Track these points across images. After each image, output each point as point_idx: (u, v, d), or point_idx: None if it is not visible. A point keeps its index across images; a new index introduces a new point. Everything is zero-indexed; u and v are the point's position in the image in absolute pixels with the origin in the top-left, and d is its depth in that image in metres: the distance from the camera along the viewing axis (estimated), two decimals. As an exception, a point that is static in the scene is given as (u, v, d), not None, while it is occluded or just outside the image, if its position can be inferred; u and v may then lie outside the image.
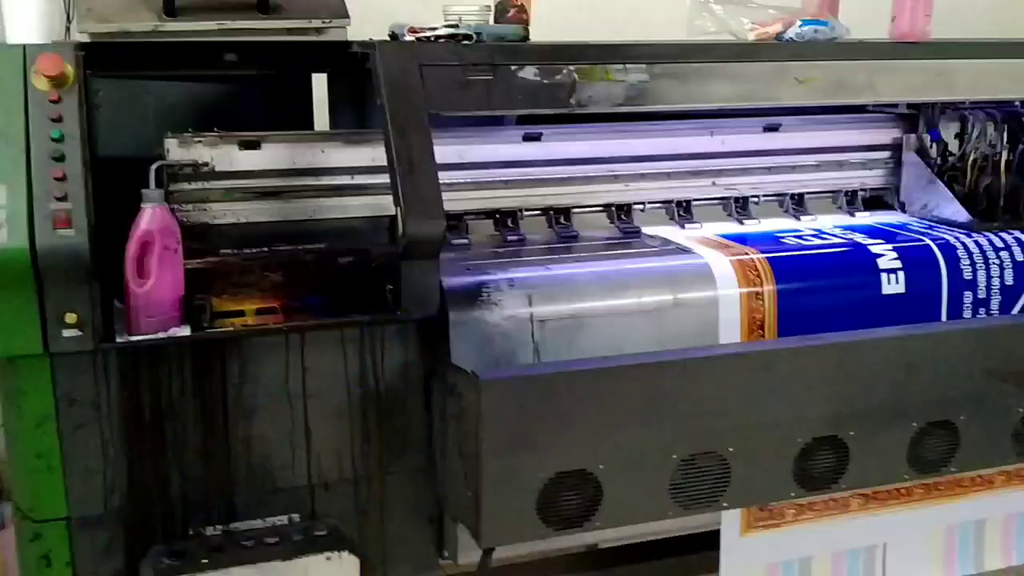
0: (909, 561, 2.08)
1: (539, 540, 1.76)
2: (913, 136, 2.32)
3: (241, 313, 1.75)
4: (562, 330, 1.82)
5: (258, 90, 2.12)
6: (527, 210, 2.12)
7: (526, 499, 1.67)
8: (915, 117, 2.34)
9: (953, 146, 2.36)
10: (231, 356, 1.73)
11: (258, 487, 1.79)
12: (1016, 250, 2.07)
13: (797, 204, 2.31)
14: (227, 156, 1.84)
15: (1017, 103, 2.28)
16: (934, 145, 2.31)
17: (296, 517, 1.81)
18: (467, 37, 1.90)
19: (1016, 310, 2.07)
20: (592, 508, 1.73)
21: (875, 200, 2.39)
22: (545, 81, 1.88)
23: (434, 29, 1.92)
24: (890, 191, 2.38)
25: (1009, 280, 2.04)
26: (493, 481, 1.63)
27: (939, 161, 2.31)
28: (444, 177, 1.96)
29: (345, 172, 1.90)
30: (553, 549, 2.05)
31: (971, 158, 2.25)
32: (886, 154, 2.36)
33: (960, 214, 2.16)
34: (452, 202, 2.00)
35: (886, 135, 2.36)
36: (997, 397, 1.92)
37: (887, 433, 1.88)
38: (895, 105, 2.34)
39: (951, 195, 2.19)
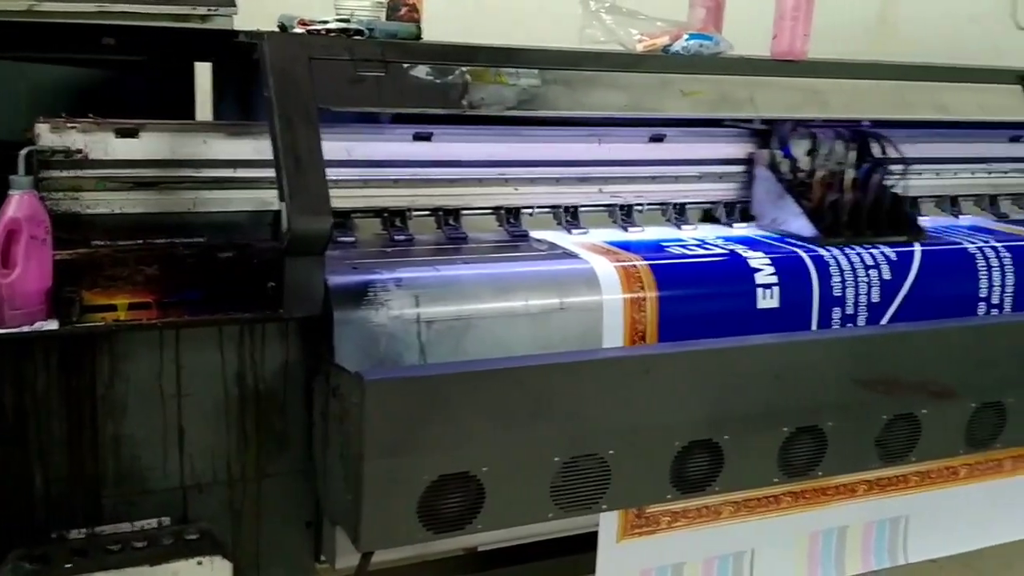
0: (775, 566, 2.15)
1: (419, 544, 1.75)
2: (766, 151, 2.34)
3: (113, 307, 1.68)
4: (449, 332, 1.81)
5: (138, 77, 2.04)
6: (416, 210, 2.10)
7: (407, 502, 1.65)
8: (768, 133, 2.37)
9: (805, 163, 2.37)
10: (101, 352, 1.66)
11: (127, 489, 1.72)
12: (884, 268, 2.16)
13: (679, 213, 2.36)
14: (103, 144, 1.77)
15: (867, 123, 2.36)
16: (785, 161, 2.34)
17: (167, 520, 1.75)
18: (359, 32, 1.88)
19: (881, 325, 2.16)
20: (474, 511, 1.72)
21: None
22: (437, 81, 1.88)
23: (325, 22, 1.89)
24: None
25: (876, 298, 2.13)
26: (374, 484, 1.61)
27: (790, 177, 2.33)
28: (331, 174, 1.92)
29: (228, 164, 1.85)
30: (432, 552, 2.04)
31: (818, 175, 2.29)
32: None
33: (806, 228, 2.20)
34: (339, 199, 1.97)
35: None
36: (862, 404, 2.01)
37: (759, 437, 1.94)
38: (751, 120, 2.36)
39: (799, 210, 2.23)
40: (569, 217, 2.26)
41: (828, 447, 2.00)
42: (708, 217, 2.43)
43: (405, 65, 1.84)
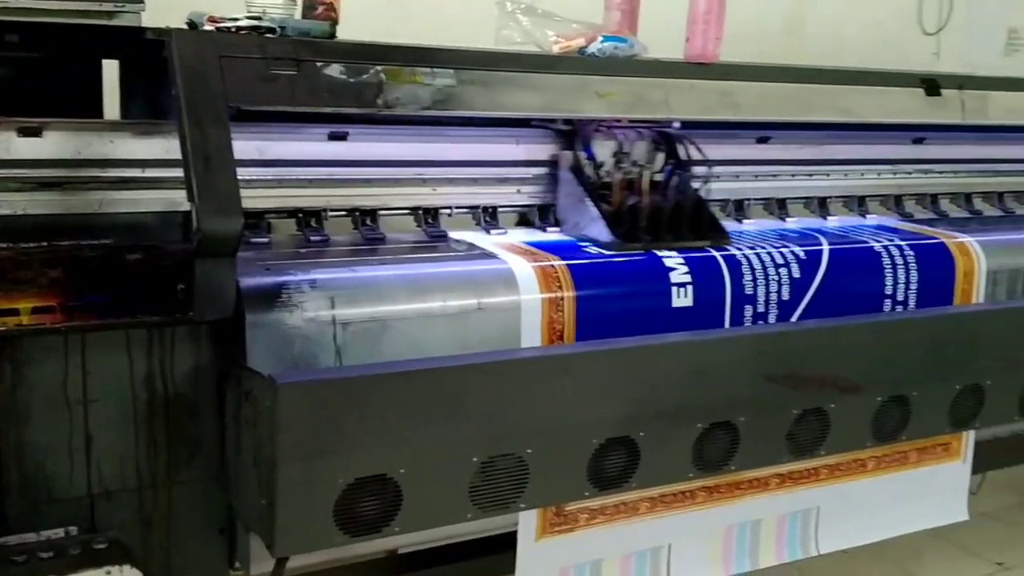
0: (691, 560, 2.18)
1: (336, 548, 1.73)
2: (569, 153, 2.23)
3: (15, 312, 1.62)
4: (365, 333, 1.80)
5: (43, 74, 1.98)
6: (332, 211, 2.08)
7: (323, 506, 1.64)
8: (572, 134, 2.24)
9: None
10: (3, 358, 1.61)
11: (32, 498, 1.67)
12: (794, 267, 2.21)
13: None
14: (5, 143, 1.71)
15: (676, 123, 2.27)
16: (589, 163, 2.21)
17: (74, 529, 1.70)
18: (270, 30, 1.85)
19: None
20: (391, 513, 1.71)
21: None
22: (351, 80, 1.86)
23: (235, 20, 1.86)
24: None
25: (786, 295, 2.18)
26: (288, 488, 1.59)
27: (593, 179, 2.20)
28: (244, 174, 1.89)
29: (136, 164, 1.80)
30: (351, 556, 2.02)
31: (617, 177, 2.18)
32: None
33: (603, 233, 2.11)
34: (252, 200, 1.95)
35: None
36: (773, 399, 2.05)
37: (674, 433, 1.97)
38: (554, 121, 2.25)
39: (597, 214, 2.13)
40: (488, 217, 2.26)
41: (741, 442, 2.04)
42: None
43: (319, 64, 1.82)
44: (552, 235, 2.23)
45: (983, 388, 2.31)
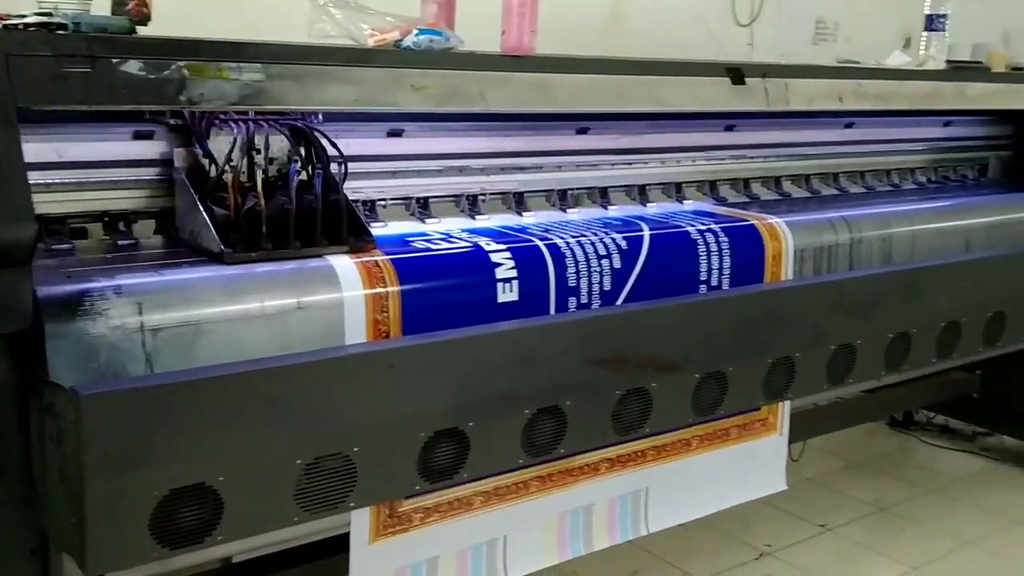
0: (526, 549, 2.21)
1: (155, 562, 1.67)
2: (184, 151, 1.94)
3: None
4: (177, 339, 1.73)
5: None
6: (140, 213, 2.00)
7: (137, 520, 1.58)
8: (187, 128, 1.95)
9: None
10: None
11: None
12: (615, 258, 2.27)
13: (422, 207, 2.38)
14: None
15: (314, 117, 2.03)
16: (208, 161, 1.93)
17: None
18: (62, 27, 1.76)
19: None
20: (212, 522, 1.67)
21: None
22: (152, 76, 1.79)
23: (23, 17, 1.76)
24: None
25: (607, 286, 2.24)
26: (97, 504, 1.53)
27: (211, 179, 1.92)
28: (41, 177, 1.81)
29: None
30: (184, 567, 1.96)
31: (231, 177, 1.90)
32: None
33: (215, 243, 1.84)
34: (51, 204, 1.86)
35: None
36: (597, 382, 2.11)
37: (502, 421, 2.00)
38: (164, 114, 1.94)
39: (207, 220, 1.85)
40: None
41: (568, 425, 2.09)
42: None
43: (115, 60, 1.74)
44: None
45: (793, 360, 2.44)
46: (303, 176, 1.98)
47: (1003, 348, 3.12)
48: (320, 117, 2.06)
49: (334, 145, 2.01)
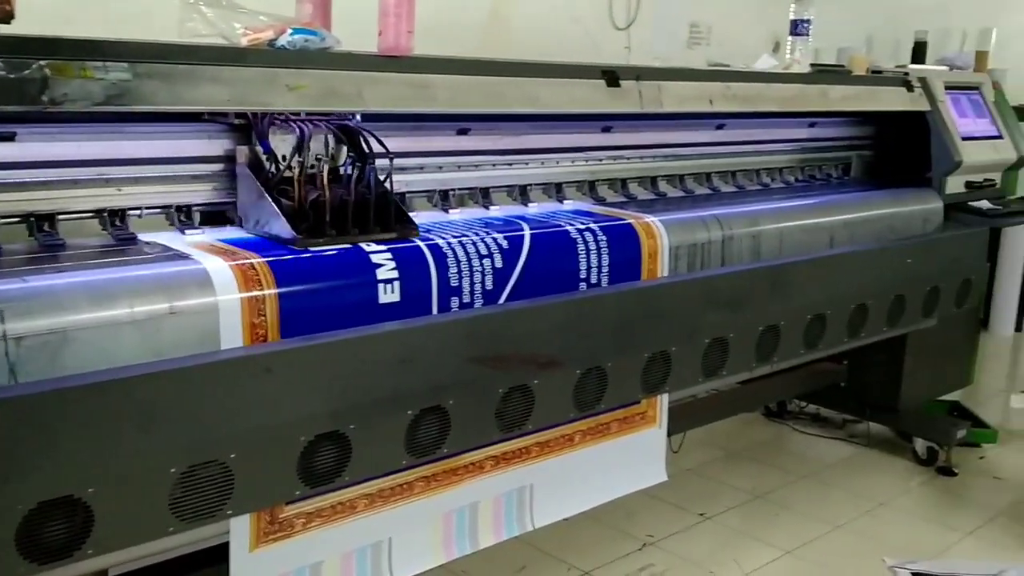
0: (412, 549, 2.21)
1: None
2: (246, 148, 2.15)
3: None
4: (43, 347, 1.67)
5: None
6: (1, 217, 1.92)
7: (2, 535, 1.52)
8: (248, 128, 2.16)
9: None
10: None
11: None
12: (497, 257, 2.28)
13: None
14: None
15: (355, 116, 2.25)
16: (268, 158, 2.14)
17: None
18: (-87, 22, 1.68)
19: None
20: (83, 536, 1.62)
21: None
22: (11, 76, 1.72)
23: None
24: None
25: (489, 285, 2.25)
26: (-44, 521, 1.46)
27: (273, 174, 2.13)
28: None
29: None
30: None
31: (297, 172, 2.12)
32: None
33: (285, 231, 2.05)
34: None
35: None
36: (480, 380, 2.13)
37: (385, 423, 2.00)
38: (227, 115, 2.17)
39: (277, 211, 2.06)
40: (183, 217, 2.17)
41: (452, 425, 2.11)
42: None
43: (-31, 60, 1.67)
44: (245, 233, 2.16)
45: (670, 354, 2.51)
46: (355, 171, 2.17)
47: (866, 338, 3.28)
48: (359, 118, 2.26)
49: (381, 143, 2.19)
